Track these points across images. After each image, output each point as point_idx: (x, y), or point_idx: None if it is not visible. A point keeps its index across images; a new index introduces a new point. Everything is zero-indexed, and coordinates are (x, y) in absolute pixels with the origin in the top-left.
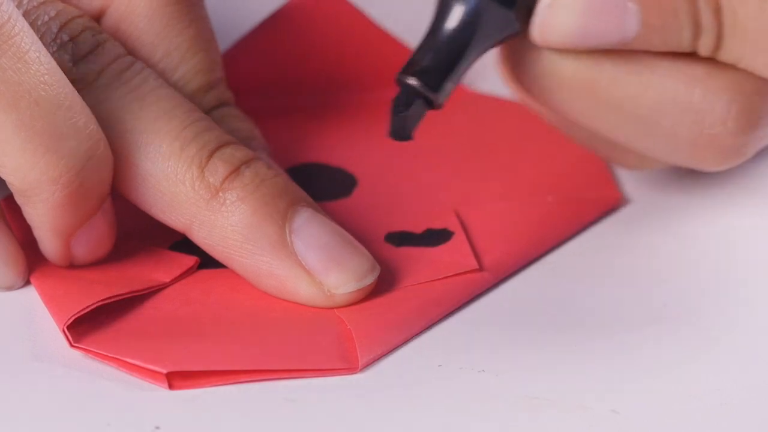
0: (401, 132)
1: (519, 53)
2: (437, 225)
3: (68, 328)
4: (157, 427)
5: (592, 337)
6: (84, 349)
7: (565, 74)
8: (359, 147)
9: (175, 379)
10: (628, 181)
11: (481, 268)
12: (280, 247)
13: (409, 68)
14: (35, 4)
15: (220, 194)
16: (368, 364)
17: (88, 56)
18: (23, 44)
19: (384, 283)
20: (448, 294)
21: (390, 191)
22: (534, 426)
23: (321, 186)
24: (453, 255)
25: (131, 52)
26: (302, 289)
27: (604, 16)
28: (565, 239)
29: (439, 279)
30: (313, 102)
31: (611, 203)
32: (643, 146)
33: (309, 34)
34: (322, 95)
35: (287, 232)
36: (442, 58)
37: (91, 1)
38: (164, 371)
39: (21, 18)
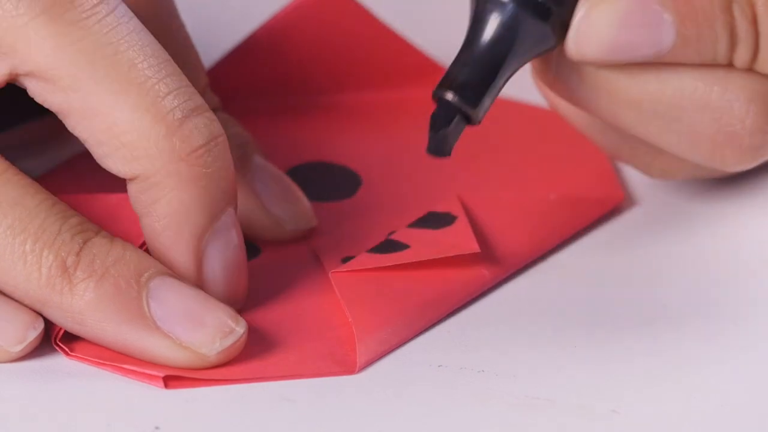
0: (440, 149)
1: (548, 58)
2: (440, 209)
3: (62, 340)
4: (157, 428)
5: (592, 337)
6: (80, 358)
7: (587, 73)
8: (365, 146)
9: (172, 380)
10: (631, 183)
11: (481, 254)
12: (139, 319)
13: (446, 83)
14: None
15: (72, 275)
16: (366, 365)
17: None
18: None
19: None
20: (448, 294)
21: (395, 191)
22: (534, 426)
23: (325, 186)
24: (455, 237)
25: None
26: (173, 357)
27: (640, 29)
28: (567, 238)
29: (439, 279)
30: (319, 101)
31: (614, 202)
32: (664, 143)
33: (316, 33)
34: (329, 94)
35: (144, 302)
36: (479, 73)
37: None
38: (161, 375)
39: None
